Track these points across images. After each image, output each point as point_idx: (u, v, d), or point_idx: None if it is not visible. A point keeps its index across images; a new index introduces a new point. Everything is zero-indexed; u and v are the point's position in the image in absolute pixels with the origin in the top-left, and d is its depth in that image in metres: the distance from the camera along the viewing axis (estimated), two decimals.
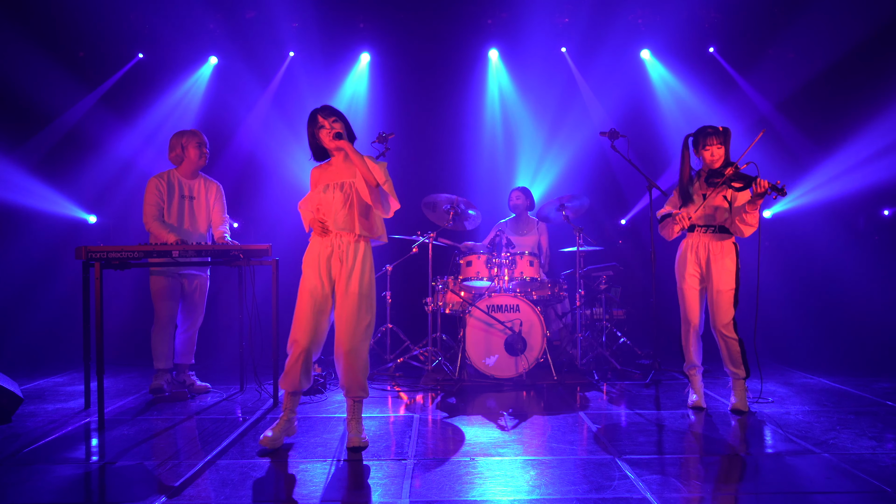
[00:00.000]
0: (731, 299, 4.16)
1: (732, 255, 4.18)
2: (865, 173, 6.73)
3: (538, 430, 3.92)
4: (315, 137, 3.62)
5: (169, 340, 4.93)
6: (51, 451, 3.60)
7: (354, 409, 3.62)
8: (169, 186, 4.87)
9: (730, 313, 4.16)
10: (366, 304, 3.51)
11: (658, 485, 2.98)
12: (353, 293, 3.49)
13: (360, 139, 6.97)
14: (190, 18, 6.80)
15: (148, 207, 4.81)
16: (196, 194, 4.97)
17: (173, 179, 4.91)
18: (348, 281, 3.51)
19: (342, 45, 7.23)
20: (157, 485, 3.06)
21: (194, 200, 4.96)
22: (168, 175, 4.92)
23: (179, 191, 4.90)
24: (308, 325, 3.50)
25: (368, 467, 3.28)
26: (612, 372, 5.64)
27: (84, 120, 6.98)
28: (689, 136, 4.30)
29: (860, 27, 6.58)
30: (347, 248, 3.53)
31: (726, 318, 4.16)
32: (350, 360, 3.50)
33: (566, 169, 7.38)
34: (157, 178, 4.87)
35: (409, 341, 5.95)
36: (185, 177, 4.96)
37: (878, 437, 3.69)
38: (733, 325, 4.17)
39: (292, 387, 3.56)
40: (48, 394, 5.04)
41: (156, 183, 4.84)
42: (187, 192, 4.94)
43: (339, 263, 3.53)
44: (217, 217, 5.06)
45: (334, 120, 3.57)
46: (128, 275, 5.98)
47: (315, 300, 3.51)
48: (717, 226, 4.22)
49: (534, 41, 7.12)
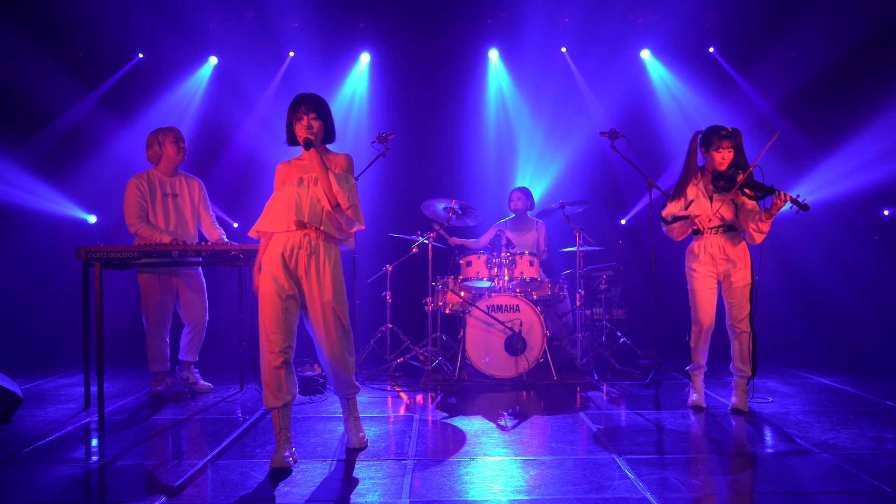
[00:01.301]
0: (748, 296, 4.17)
1: (746, 251, 4.21)
2: (866, 173, 6.72)
3: (538, 430, 3.91)
4: (291, 125, 3.35)
5: (163, 342, 4.90)
6: (51, 451, 3.59)
7: (349, 406, 3.57)
8: (150, 186, 4.81)
9: (747, 307, 4.17)
10: (341, 305, 3.34)
11: (658, 485, 2.98)
12: (328, 299, 3.28)
13: (359, 139, 6.97)
14: (190, 18, 6.78)
15: (130, 209, 4.72)
16: (179, 191, 4.92)
17: (153, 178, 4.85)
18: (320, 286, 3.28)
19: (342, 44, 7.23)
20: (157, 485, 3.06)
21: (178, 198, 4.91)
22: (147, 175, 4.85)
23: (161, 189, 4.85)
24: (281, 331, 3.23)
25: (368, 467, 3.27)
26: (612, 372, 5.63)
27: (84, 120, 6.97)
28: (698, 133, 4.27)
29: (860, 27, 6.57)
30: (316, 249, 3.29)
31: (744, 312, 4.17)
32: (335, 363, 3.38)
33: (566, 169, 7.38)
34: (137, 179, 4.79)
35: (409, 341, 5.93)
36: (165, 174, 4.90)
37: (879, 437, 3.68)
38: (749, 320, 4.18)
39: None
40: (48, 394, 5.04)
41: (136, 183, 4.76)
42: (169, 190, 4.88)
43: (304, 266, 3.28)
44: (205, 215, 5.03)
45: (314, 117, 3.30)
46: (128, 275, 5.97)
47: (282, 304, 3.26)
48: (727, 225, 4.21)
49: (534, 41, 7.11)
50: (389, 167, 6.92)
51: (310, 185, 3.30)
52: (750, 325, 4.19)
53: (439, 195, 6.47)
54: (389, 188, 7.21)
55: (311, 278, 3.29)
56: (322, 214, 3.29)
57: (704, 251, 4.23)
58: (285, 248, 3.28)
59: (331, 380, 3.49)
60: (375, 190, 7.18)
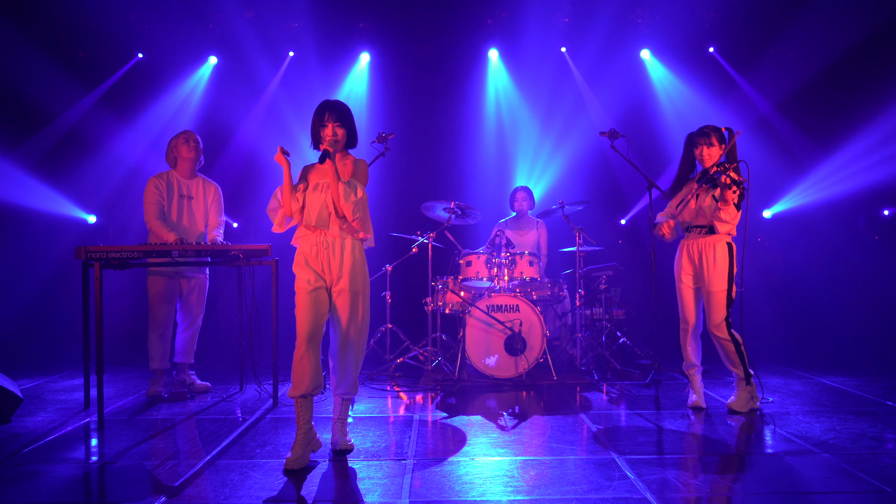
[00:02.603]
0: (723, 300, 4.13)
1: (725, 255, 4.16)
2: (866, 173, 6.71)
3: (538, 431, 3.91)
4: (316, 131, 3.47)
5: (165, 341, 4.92)
6: (50, 451, 3.59)
7: (344, 407, 3.58)
8: (168, 186, 4.92)
9: (721, 314, 4.14)
10: (361, 298, 3.45)
11: (658, 485, 2.97)
12: (345, 289, 3.40)
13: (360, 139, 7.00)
14: (190, 18, 6.79)
15: (149, 206, 4.84)
16: (195, 194, 5.01)
17: (172, 179, 4.96)
18: (339, 277, 3.40)
19: (342, 44, 7.23)
20: (157, 485, 3.06)
21: (192, 200, 5.00)
22: (167, 175, 4.97)
23: (178, 190, 4.95)
24: (308, 320, 3.36)
25: (368, 467, 3.27)
26: (611, 372, 5.63)
27: (84, 120, 6.97)
28: (690, 133, 4.36)
29: (860, 26, 6.57)
30: (334, 245, 3.41)
31: (718, 318, 4.15)
32: (350, 354, 3.44)
33: (566, 169, 7.37)
34: (157, 178, 4.92)
35: (408, 341, 5.93)
36: (184, 177, 4.99)
37: (878, 437, 3.68)
38: (726, 326, 4.15)
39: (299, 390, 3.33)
40: (48, 394, 5.04)
41: (155, 182, 4.89)
42: (186, 192, 4.97)
43: (327, 261, 3.40)
44: (213, 219, 5.07)
45: (338, 125, 3.44)
46: (127, 275, 5.97)
47: (309, 296, 3.39)
48: (709, 226, 4.21)
49: (534, 41, 7.11)
50: (389, 167, 6.90)
51: (321, 191, 3.42)
52: (728, 331, 4.15)
53: (439, 195, 6.46)
54: (389, 188, 7.19)
55: (333, 269, 3.42)
56: (329, 220, 3.42)
57: (686, 250, 4.31)
58: (307, 244, 3.44)
59: (334, 372, 3.50)
60: (375, 189, 7.14)
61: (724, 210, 4.04)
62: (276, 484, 3.06)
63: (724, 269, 4.14)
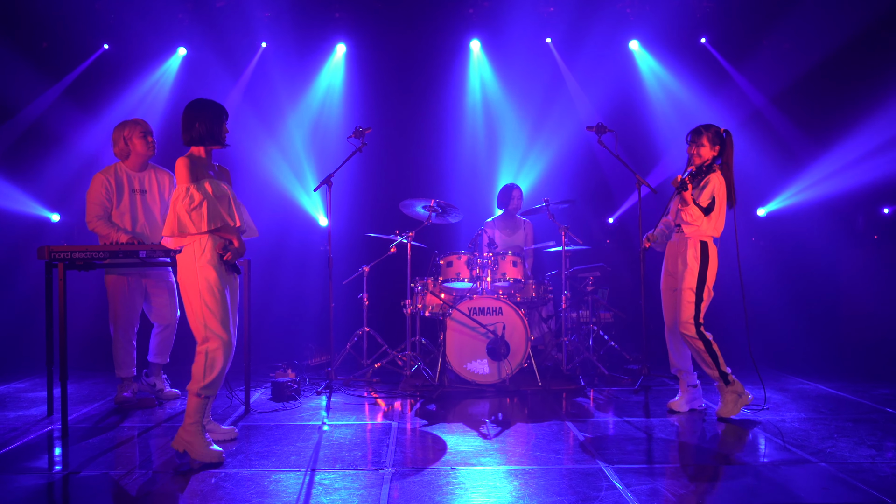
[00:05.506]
0: (689, 298, 4.15)
1: (696, 253, 4.19)
2: (864, 170, 6.67)
3: (522, 438, 3.86)
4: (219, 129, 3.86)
5: (130, 346, 4.73)
6: (12, 460, 3.53)
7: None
8: (117, 182, 4.62)
9: (686, 312, 4.15)
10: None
11: (647, 495, 2.93)
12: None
13: (335, 134, 6.84)
14: (157, 7, 6.65)
15: (91, 206, 4.56)
16: (147, 187, 4.73)
17: (121, 173, 4.66)
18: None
19: (317, 35, 7.10)
20: (124, 495, 3.02)
21: (146, 194, 4.72)
22: (115, 169, 4.66)
23: (129, 185, 4.66)
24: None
25: (344, 477, 3.20)
26: (599, 377, 5.58)
27: (47, 114, 6.82)
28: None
29: (858, 17, 6.51)
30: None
31: (682, 315, 4.17)
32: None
33: (551, 165, 7.31)
34: (104, 174, 4.61)
35: (386, 345, 5.84)
36: (134, 169, 4.70)
37: (878, 445, 3.63)
38: (694, 326, 4.14)
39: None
40: (9, 400, 4.91)
41: (102, 179, 4.58)
42: (137, 186, 4.69)
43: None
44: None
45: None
46: (92, 276, 5.78)
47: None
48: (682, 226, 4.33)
49: (517, 31, 7.01)
50: (366, 163, 6.84)
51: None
52: (696, 331, 4.14)
53: (418, 192, 6.39)
54: (366, 185, 7.14)
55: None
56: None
57: (668, 253, 4.44)
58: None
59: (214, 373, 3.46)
60: (351, 187, 7.11)
61: (684, 211, 4.14)
62: (248, 494, 2.98)
63: (693, 269, 4.19)
